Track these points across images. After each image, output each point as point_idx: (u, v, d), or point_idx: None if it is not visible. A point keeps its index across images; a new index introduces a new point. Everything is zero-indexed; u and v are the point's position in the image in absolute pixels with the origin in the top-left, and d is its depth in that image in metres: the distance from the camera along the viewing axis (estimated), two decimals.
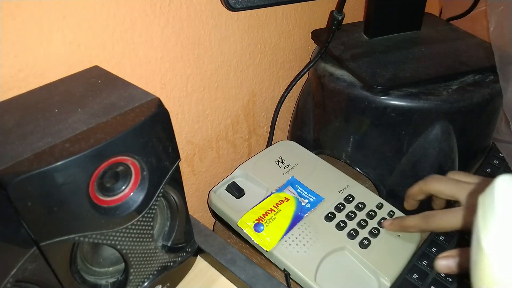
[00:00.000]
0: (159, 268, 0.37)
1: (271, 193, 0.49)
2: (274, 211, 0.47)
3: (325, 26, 0.65)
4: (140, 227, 0.32)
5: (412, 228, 0.44)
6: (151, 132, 0.29)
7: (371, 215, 0.48)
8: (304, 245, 0.44)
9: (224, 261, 0.41)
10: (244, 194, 0.51)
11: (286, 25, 0.59)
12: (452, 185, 0.43)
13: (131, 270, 0.34)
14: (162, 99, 0.31)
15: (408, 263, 0.44)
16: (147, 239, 0.33)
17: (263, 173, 0.52)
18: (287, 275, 0.42)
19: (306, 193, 0.50)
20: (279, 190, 0.50)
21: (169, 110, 0.30)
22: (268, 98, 0.65)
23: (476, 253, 0.19)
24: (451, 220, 0.40)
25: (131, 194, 0.30)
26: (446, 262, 0.40)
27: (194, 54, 0.49)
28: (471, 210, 0.39)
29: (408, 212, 0.48)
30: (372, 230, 0.46)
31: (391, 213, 0.49)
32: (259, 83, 0.61)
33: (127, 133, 0.27)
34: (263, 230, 0.45)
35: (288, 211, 0.47)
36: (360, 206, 0.49)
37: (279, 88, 0.66)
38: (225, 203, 0.49)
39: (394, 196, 0.52)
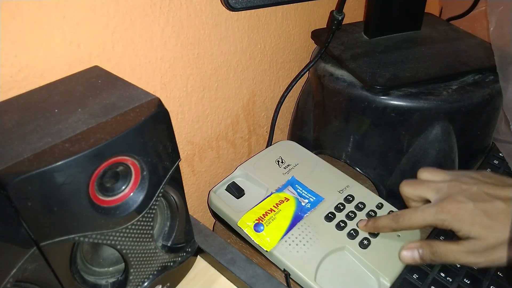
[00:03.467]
0: (159, 268, 0.37)
1: (271, 193, 0.49)
2: (274, 211, 0.47)
3: (325, 26, 0.65)
4: (140, 227, 0.32)
5: (384, 228, 0.44)
6: (151, 132, 0.29)
7: (371, 215, 0.48)
8: (304, 245, 0.44)
9: (224, 261, 0.41)
10: (244, 194, 0.51)
11: (286, 25, 0.59)
12: (418, 186, 0.43)
13: (131, 270, 0.34)
14: (162, 99, 0.31)
15: None
16: (147, 239, 0.33)
17: (263, 173, 0.52)
18: (287, 275, 0.42)
19: (306, 193, 0.50)
20: (279, 190, 0.50)
21: (169, 110, 0.30)
22: (268, 98, 0.65)
23: None
24: (419, 218, 0.41)
25: (131, 194, 0.30)
26: (410, 253, 0.41)
27: (194, 54, 0.49)
28: (439, 207, 0.40)
29: None
30: None
31: (391, 213, 0.48)
32: (259, 83, 0.61)
33: (127, 133, 0.27)
34: (263, 230, 0.45)
35: (288, 211, 0.47)
36: (360, 206, 0.49)
37: (279, 88, 0.66)
38: (225, 203, 0.49)
39: (394, 196, 0.52)
